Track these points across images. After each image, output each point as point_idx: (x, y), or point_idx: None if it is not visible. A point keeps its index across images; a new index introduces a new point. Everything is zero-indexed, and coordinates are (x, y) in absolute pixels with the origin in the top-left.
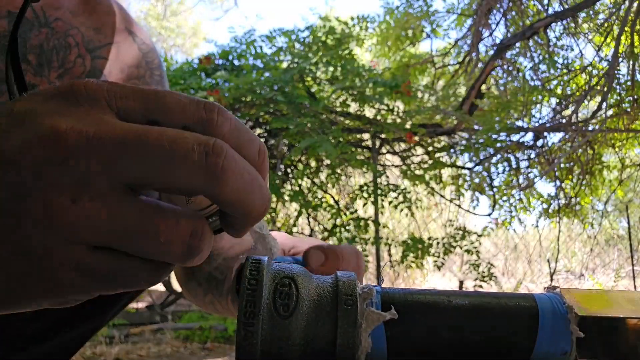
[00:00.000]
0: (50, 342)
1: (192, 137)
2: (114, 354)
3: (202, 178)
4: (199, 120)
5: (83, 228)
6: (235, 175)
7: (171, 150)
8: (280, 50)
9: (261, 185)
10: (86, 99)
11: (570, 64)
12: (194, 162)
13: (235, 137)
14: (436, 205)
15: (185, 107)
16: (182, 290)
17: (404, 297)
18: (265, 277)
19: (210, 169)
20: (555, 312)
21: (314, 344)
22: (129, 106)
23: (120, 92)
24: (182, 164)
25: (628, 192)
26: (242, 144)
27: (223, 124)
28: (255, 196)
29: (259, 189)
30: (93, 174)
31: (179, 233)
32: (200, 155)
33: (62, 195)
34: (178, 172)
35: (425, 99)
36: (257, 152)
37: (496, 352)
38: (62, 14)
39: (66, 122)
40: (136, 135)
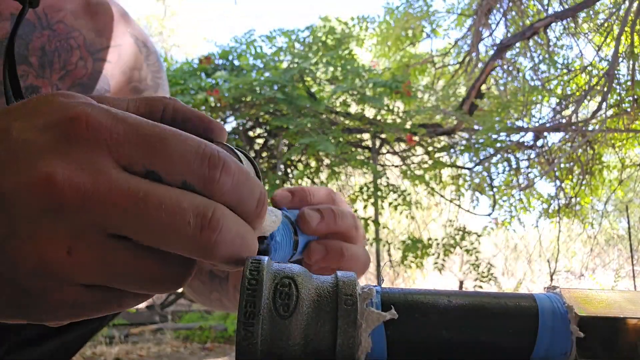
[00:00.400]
0: (51, 343)
1: (191, 207)
2: (114, 353)
3: (194, 249)
4: (201, 177)
5: (78, 275)
6: (227, 245)
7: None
8: (280, 50)
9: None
10: (86, 140)
11: (570, 64)
12: (187, 235)
13: (237, 193)
14: (436, 205)
15: (189, 162)
16: (186, 289)
17: (404, 297)
18: (265, 277)
19: (203, 242)
20: (555, 312)
21: (314, 344)
22: (131, 153)
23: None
24: (176, 235)
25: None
26: (242, 200)
27: (225, 183)
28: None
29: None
30: (88, 227)
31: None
32: (195, 230)
33: (57, 246)
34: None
35: (425, 99)
36: (255, 205)
37: (496, 352)
38: (64, 16)
39: (63, 170)
40: (134, 197)
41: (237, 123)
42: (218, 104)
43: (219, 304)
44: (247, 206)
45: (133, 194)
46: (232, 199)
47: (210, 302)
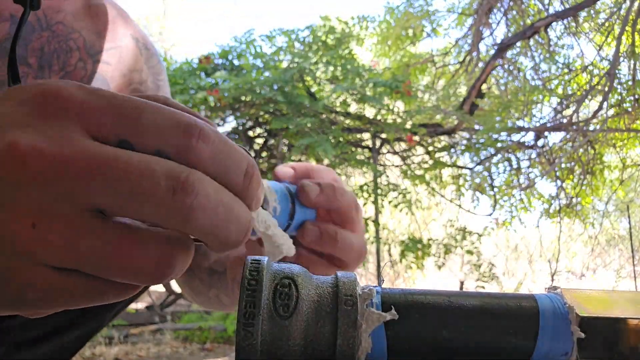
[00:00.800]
0: (50, 344)
1: (162, 170)
2: (113, 354)
3: (168, 216)
4: (176, 145)
5: (44, 253)
6: (205, 213)
7: (137, 183)
8: (280, 50)
9: (239, 215)
10: (56, 111)
11: (571, 64)
12: (159, 199)
13: (217, 163)
14: (437, 205)
15: (162, 130)
16: (183, 291)
17: (405, 297)
18: (264, 277)
19: (177, 207)
20: (556, 313)
21: (314, 345)
22: (102, 123)
23: (94, 106)
24: (147, 200)
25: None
26: (226, 170)
27: (202, 151)
28: (230, 229)
29: (236, 221)
30: (54, 198)
31: (147, 259)
32: (167, 193)
33: (22, 219)
34: (143, 206)
35: (426, 99)
36: (242, 176)
37: (496, 353)
38: (64, 17)
39: (27, 138)
40: (102, 163)
41: (237, 123)
42: (218, 104)
43: (217, 301)
44: (232, 178)
45: (101, 161)
46: (212, 168)
47: (208, 301)
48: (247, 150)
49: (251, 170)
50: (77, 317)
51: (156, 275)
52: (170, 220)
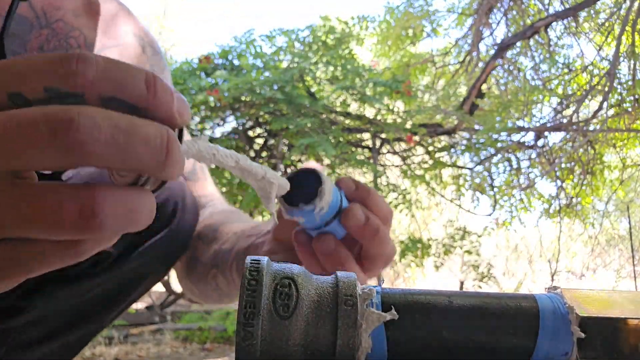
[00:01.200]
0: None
1: (39, 114)
2: (113, 354)
3: (59, 156)
4: (59, 77)
5: None
6: (98, 142)
7: (18, 136)
8: (280, 50)
9: (147, 134)
10: None
11: (571, 64)
12: (44, 144)
13: (107, 79)
14: (437, 205)
15: (42, 68)
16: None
17: (405, 297)
18: (265, 277)
19: (64, 146)
20: (556, 313)
21: (314, 345)
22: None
23: None
24: (35, 148)
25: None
26: (120, 86)
27: (86, 71)
28: (139, 151)
29: (144, 141)
30: None
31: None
32: (49, 134)
33: None
34: (35, 156)
35: (426, 99)
36: (143, 86)
37: (496, 353)
38: (64, 14)
39: None
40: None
41: (237, 123)
42: (218, 104)
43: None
44: (132, 89)
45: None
46: (106, 86)
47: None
48: None
49: (152, 79)
50: (78, 319)
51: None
52: (65, 161)
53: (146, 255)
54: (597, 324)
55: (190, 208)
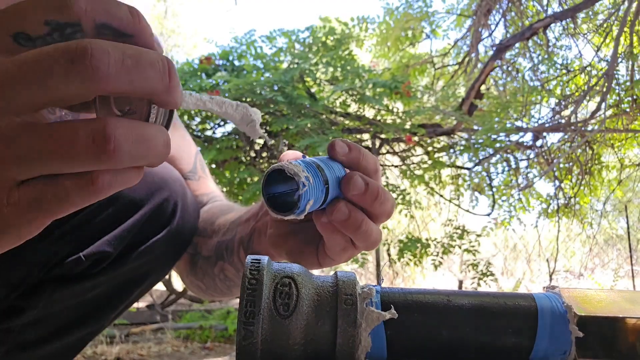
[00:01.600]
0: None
1: (53, 49)
2: (115, 353)
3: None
4: (55, 8)
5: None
6: (112, 67)
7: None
8: (280, 51)
9: (151, 59)
10: None
11: (570, 64)
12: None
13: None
14: (435, 205)
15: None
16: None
17: (404, 296)
18: (265, 276)
19: (82, 72)
20: (555, 312)
21: (314, 344)
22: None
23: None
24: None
25: (627, 192)
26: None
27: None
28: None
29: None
30: None
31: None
32: (66, 64)
33: None
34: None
35: (425, 100)
36: (128, 15)
37: (496, 352)
38: None
39: None
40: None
41: None
42: None
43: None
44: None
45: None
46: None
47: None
48: None
49: (134, 10)
50: (79, 319)
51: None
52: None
53: (146, 256)
54: (595, 323)
55: (190, 207)
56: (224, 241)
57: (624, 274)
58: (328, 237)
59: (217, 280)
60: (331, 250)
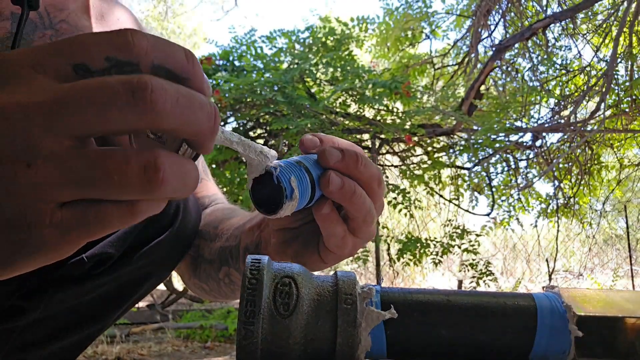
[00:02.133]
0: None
1: (115, 80)
2: (115, 352)
3: (136, 116)
4: (118, 47)
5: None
6: (168, 103)
7: (99, 98)
8: (280, 51)
9: (202, 102)
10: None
11: (569, 65)
12: (122, 104)
13: (158, 50)
14: (435, 205)
15: (102, 41)
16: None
17: (404, 296)
18: (265, 276)
19: (140, 105)
20: (554, 312)
21: (314, 343)
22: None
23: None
24: (113, 109)
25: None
26: (167, 56)
27: (141, 43)
28: (198, 115)
29: (200, 107)
30: (38, 137)
31: (131, 169)
32: (127, 96)
33: (17, 162)
34: (112, 117)
35: (425, 100)
36: (184, 58)
37: (495, 351)
38: (67, 15)
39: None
40: (65, 94)
41: (238, 123)
42: (219, 105)
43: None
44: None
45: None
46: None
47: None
48: None
49: (189, 53)
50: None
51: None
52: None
53: (148, 257)
54: (594, 322)
55: (192, 209)
56: (228, 247)
57: (623, 273)
58: (326, 228)
59: (221, 284)
60: (331, 242)
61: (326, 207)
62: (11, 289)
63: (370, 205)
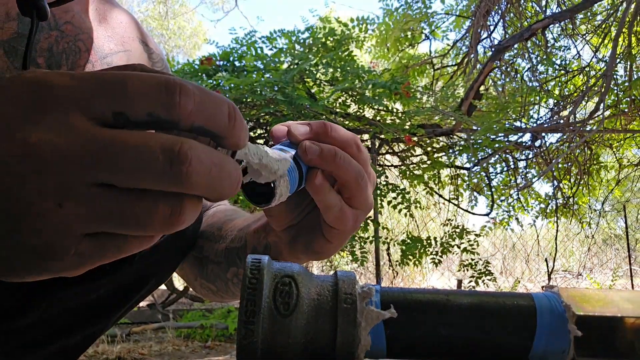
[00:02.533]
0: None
1: (157, 144)
2: (116, 352)
3: (169, 183)
4: (163, 105)
5: (72, 225)
6: (200, 176)
7: (137, 159)
8: (280, 52)
9: (230, 171)
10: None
11: (568, 65)
12: (158, 171)
13: (202, 112)
14: (435, 205)
15: (148, 94)
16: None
17: (403, 296)
18: (265, 276)
19: (175, 176)
20: (553, 311)
21: (314, 342)
22: (95, 105)
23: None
24: (148, 172)
25: (625, 191)
26: (210, 116)
27: (187, 104)
28: (224, 184)
29: (228, 176)
30: (71, 180)
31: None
32: (164, 164)
33: (47, 200)
34: (146, 177)
35: (424, 100)
36: (226, 119)
37: (494, 351)
38: (72, 17)
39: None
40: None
41: None
42: None
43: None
44: (218, 122)
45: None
46: (199, 118)
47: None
48: None
49: (233, 112)
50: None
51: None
52: (171, 187)
53: (149, 258)
54: (593, 322)
55: None
56: (234, 248)
57: (622, 273)
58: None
59: (229, 284)
60: (329, 216)
61: (318, 178)
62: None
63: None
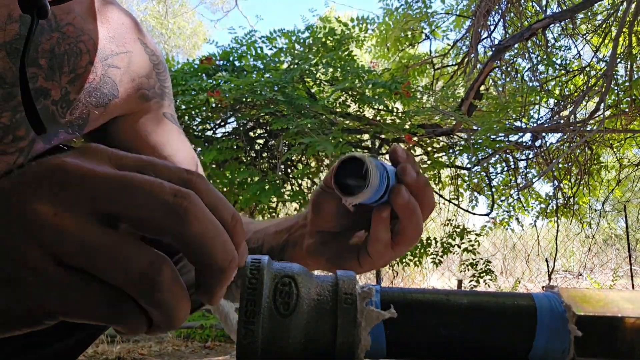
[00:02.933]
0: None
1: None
2: (116, 352)
3: (167, 215)
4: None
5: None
6: (198, 219)
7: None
8: (280, 51)
9: (225, 241)
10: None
11: (569, 65)
12: (162, 200)
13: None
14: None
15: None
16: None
17: (403, 296)
18: (265, 276)
19: (175, 208)
20: (553, 311)
21: (314, 342)
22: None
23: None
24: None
25: (626, 192)
26: (217, 206)
27: (200, 185)
28: (217, 247)
29: (222, 244)
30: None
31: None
32: (169, 196)
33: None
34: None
35: (425, 100)
36: (230, 217)
37: (494, 351)
38: (73, 18)
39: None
40: (122, 176)
41: (238, 124)
42: (219, 105)
43: None
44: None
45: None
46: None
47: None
48: None
49: (237, 217)
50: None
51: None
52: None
53: None
54: (594, 322)
55: None
56: (250, 249)
57: (622, 273)
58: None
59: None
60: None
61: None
62: None
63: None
